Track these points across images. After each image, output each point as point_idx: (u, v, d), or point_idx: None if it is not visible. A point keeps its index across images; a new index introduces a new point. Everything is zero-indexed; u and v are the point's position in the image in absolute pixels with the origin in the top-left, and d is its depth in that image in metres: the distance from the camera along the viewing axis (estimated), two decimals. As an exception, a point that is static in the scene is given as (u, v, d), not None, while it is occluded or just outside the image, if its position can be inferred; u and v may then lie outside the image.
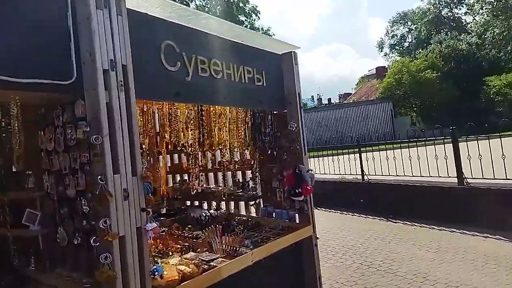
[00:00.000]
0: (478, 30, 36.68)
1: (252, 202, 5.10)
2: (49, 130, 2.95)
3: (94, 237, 2.50)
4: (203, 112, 3.83)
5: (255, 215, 5.14)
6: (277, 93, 4.55)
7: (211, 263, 3.34)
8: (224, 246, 3.71)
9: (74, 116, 2.73)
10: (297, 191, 4.50)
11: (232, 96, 3.84)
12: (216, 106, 4.01)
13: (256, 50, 4.27)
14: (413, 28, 49.68)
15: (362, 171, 10.85)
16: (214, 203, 5.42)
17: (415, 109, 33.03)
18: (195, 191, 4.81)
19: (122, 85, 2.66)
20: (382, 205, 9.73)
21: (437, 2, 46.55)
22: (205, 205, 5.66)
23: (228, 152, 4.40)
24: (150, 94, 3.06)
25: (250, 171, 4.94)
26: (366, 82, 42.70)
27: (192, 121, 3.78)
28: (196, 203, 5.78)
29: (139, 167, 2.71)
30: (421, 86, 30.43)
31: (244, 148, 4.50)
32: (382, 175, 10.19)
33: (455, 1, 46.50)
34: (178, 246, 3.96)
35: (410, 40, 50.25)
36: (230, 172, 5.40)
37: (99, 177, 2.45)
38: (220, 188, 5.17)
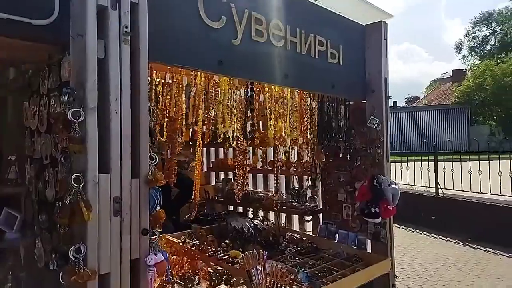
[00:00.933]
0: None
1: (309, 217, 3.99)
2: (34, 101, 2.08)
3: (61, 272, 1.56)
4: (253, 93, 2.78)
5: (311, 234, 4.03)
6: (356, 77, 3.39)
7: (248, 311, 2.30)
8: (268, 281, 2.65)
9: (60, 79, 1.83)
10: (372, 210, 3.31)
11: (297, 74, 2.76)
12: (273, 87, 2.95)
13: (334, 15, 3.14)
14: (498, 30, 44.82)
15: (437, 183, 9.22)
16: (261, 212, 4.39)
17: (495, 117, 29.42)
18: (239, 194, 3.80)
19: (128, 33, 1.69)
20: (459, 226, 8.09)
21: (533, 1, 41.40)
22: (250, 213, 4.64)
23: (287, 151, 3.34)
24: (176, 57, 2.07)
25: (309, 177, 3.83)
26: (438, 86, 39.07)
27: (237, 105, 2.74)
28: (240, 209, 4.79)
29: (145, 165, 1.73)
30: (505, 93, 26.89)
31: (307, 148, 3.39)
32: (462, 191, 8.53)
33: (551, 0, 41.09)
34: (209, 270, 2.99)
35: (493, 43, 45.42)
36: (283, 176, 4.33)
37: (73, 176, 1.50)
38: (270, 194, 4.11)
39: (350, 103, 3.63)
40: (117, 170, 1.61)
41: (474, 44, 45.67)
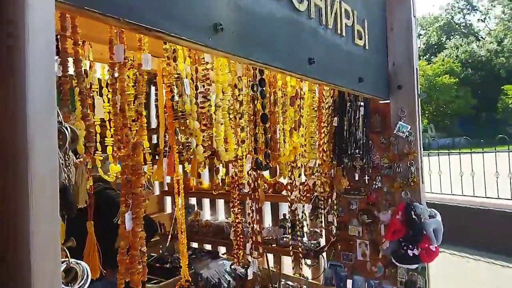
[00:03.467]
0: (497, 36, 34.87)
1: (311, 261, 2.98)
2: None
3: None
4: (264, 90, 1.63)
5: (311, 280, 3.03)
6: (381, 68, 2.47)
7: None
8: None
9: None
10: (410, 252, 2.40)
11: (322, 59, 1.73)
12: (289, 79, 1.87)
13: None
14: (422, 33, 48.48)
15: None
16: (239, 251, 3.27)
17: (427, 115, 31.00)
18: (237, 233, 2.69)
19: None
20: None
21: (450, 8, 45.72)
22: (222, 252, 3.51)
23: (302, 171, 2.28)
24: (135, 12, 0.92)
25: (308, 204, 2.82)
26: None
27: (244, 101, 1.55)
28: (208, 246, 3.64)
29: None
30: (436, 92, 28.39)
31: (323, 168, 2.36)
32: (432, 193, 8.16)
33: (468, 7, 45.77)
34: None
35: (418, 46, 48.86)
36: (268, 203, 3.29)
37: None
38: (251, 226, 3.01)
39: (361, 104, 2.67)
40: None
41: (402, 46, 48.63)
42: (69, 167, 0.67)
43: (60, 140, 0.66)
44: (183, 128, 1.35)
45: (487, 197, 7.34)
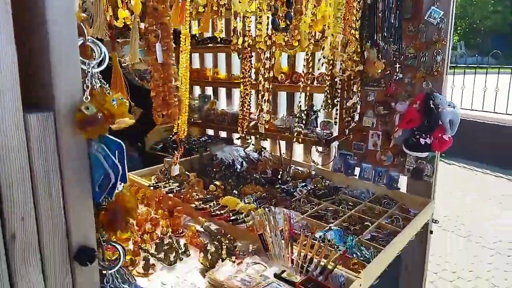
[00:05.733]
0: None
1: (322, 148, 3.04)
2: None
3: None
4: None
5: (321, 167, 3.14)
6: None
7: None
8: (292, 250, 1.74)
9: None
10: (422, 141, 2.42)
11: None
12: None
13: None
14: None
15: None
16: (252, 138, 3.36)
17: (459, 31, 28.99)
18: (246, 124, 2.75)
19: None
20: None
21: None
22: (236, 139, 3.61)
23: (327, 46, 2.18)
24: None
25: (327, 93, 2.79)
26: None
27: None
28: (223, 134, 3.73)
29: (72, 75, 0.58)
30: (472, 6, 26.13)
31: (352, 47, 2.26)
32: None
33: None
34: (199, 229, 2.03)
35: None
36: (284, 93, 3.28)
37: None
38: (262, 115, 3.03)
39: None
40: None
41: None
42: None
43: None
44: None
45: (507, 114, 7.20)
